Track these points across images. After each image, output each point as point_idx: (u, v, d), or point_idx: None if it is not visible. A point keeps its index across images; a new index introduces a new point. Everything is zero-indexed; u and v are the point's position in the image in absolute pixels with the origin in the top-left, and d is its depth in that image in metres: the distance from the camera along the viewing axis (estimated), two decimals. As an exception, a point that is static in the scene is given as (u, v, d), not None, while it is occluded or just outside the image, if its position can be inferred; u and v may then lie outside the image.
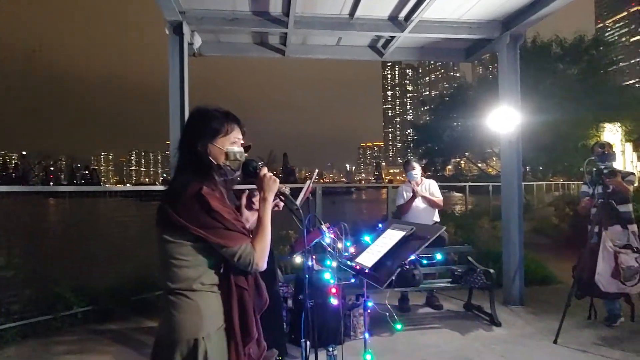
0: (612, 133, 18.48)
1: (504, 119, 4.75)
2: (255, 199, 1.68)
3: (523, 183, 5.18)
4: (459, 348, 3.62)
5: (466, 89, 26.79)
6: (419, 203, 4.54)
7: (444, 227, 2.13)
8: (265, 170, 1.57)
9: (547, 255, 7.27)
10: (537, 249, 7.90)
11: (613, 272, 3.49)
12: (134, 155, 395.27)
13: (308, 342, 3.00)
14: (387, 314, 2.60)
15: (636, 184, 4.12)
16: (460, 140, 25.81)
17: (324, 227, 2.53)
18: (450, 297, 5.03)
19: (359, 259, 2.12)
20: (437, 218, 4.72)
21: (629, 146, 21.62)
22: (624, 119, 18.77)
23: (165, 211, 1.41)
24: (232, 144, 1.54)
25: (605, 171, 3.72)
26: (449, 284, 4.34)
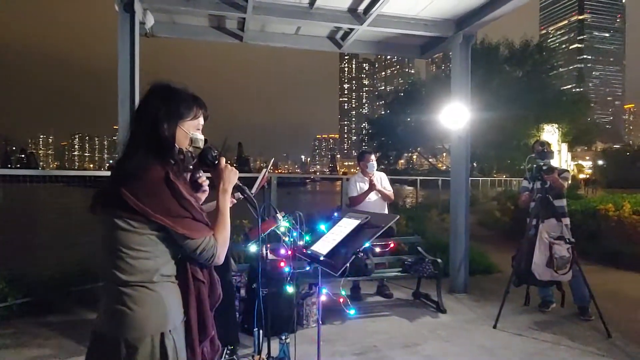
0: (550, 134, 19.83)
1: (455, 116, 4.95)
2: (201, 180, 1.59)
3: (470, 178, 5.45)
4: (407, 334, 3.77)
5: (420, 86, 27.66)
6: (371, 196, 4.63)
7: (398, 216, 2.19)
8: (224, 161, 1.48)
9: (489, 246, 7.71)
10: (480, 240, 8.35)
11: (548, 261, 3.76)
12: (77, 140, 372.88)
13: (261, 331, 3.01)
14: (342, 300, 2.63)
15: (570, 182, 4.43)
16: (412, 135, 26.68)
17: (278, 216, 2.54)
18: (400, 286, 5.20)
19: (314, 247, 2.14)
20: (386, 211, 4.84)
21: (564, 146, 23.32)
22: (561, 121, 20.18)
23: (119, 195, 1.24)
24: (196, 130, 1.44)
25: (544, 168, 3.98)
26: (399, 273, 4.49)
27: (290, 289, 2.57)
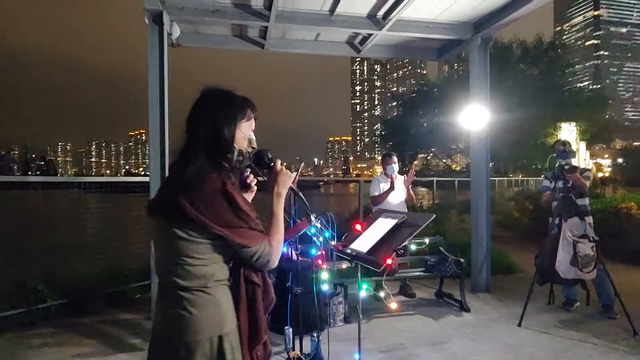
0: (568, 132, 19.59)
1: (475, 117, 5.00)
2: (249, 180, 1.57)
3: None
4: (432, 332, 3.84)
5: (433, 87, 27.57)
6: (392, 197, 4.72)
7: (434, 215, 2.27)
8: (279, 164, 1.49)
9: (509, 246, 7.69)
10: (499, 240, 8.34)
11: (572, 260, 3.79)
12: (94, 146, 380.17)
13: (291, 330, 3.12)
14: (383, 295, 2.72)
15: (591, 180, 4.46)
16: (427, 136, 26.57)
17: (312, 217, 2.65)
18: (422, 285, 5.27)
19: (353, 246, 2.24)
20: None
21: (582, 145, 22.99)
22: (579, 119, 19.92)
23: (179, 206, 1.26)
24: (250, 131, 1.46)
25: (566, 167, 4.02)
26: (422, 273, 4.56)
27: (324, 288, 2.66)
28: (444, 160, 31.86)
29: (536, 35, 22.71)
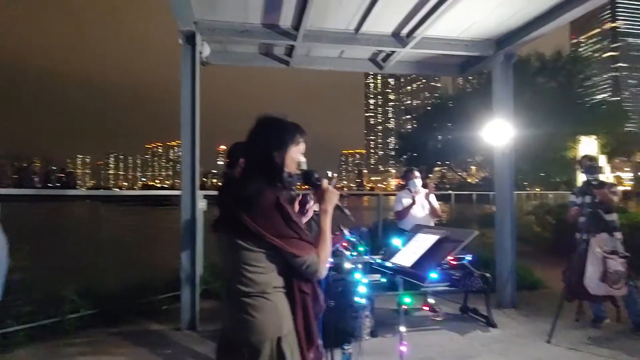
0: (588, 146, 19.29)
1: (498, 132, 5.04)
2: (309, 206, 1.78)
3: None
4: (460, 348, 3.84)
5: (448, 100, 27.51)
6: (417, 211, 4.76)
7: (477, 232, 2.31)
8: (326, 183, 1.64)
9: (532, 261, 7.60)
10: (521, 255, 8.19)
11: (602, 276, 3.76)
12: (111, 159, 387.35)
13: (321, 342, 3.16)
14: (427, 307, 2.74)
15: (619, 196, 4.43)
16: (443, 149, 26.45)
17: (345, 232, 2.72)
18: (445, 300, 5.25)
19: (394, 260, 2.30)
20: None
21: (603, 158, 22.57)
22: (598, 132, 19.63)
23: (241, 219, 1.44)
24: (300, 155, 1.62)
25: (593, 183, 4.02)
26: (447, 287, 4.55)
27: (361, 301, 2.72)
28: (460, 174, 31.57)
29: (554, 48, 22.61)
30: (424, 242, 2.19)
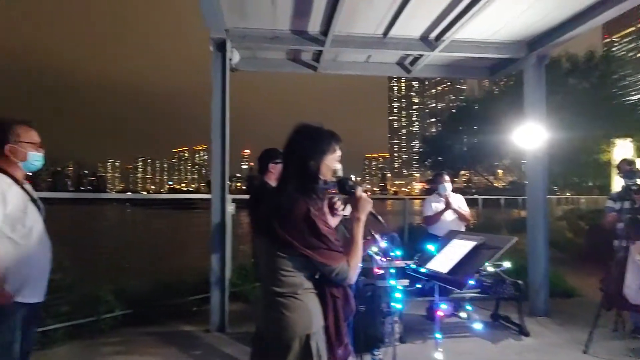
0: (623, 149, 18.55)
1: (530, 135, 4.92)
2: (337, 205, 1.82)
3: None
4: (493, 356, 3.75)
5: (474, 103, 26.99)
6: (447, 216, 4.69)
7: (516, 238, 2.27)
8: (360, 191, 1.68)
9: (564, 268, 7.37)
10: (553, 262, 7.97)
11: (642, 284, 3.62)
12: (140, 163, 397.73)
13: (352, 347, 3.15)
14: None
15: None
16: (469, 152, 25.96)
17: (377, 237, 2.71)
18: (475, 306, 5.14)
19: (429, 266, 2.28)
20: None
21: (639, 162, 21.65)
22: (635, 134, 18.81)
23: (274, 227, 1.54)
24: (336, 162, 1.67)
25: (633, 187, 3.87)
26: (477, 294, 4.46)
27: (397, 306, 2.70)
28: (487, 178, 30.91)
29: (586, 48, 21.88)
30: (460, 248, 2.16)
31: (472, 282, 1.93)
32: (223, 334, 4.39)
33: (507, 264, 4.17)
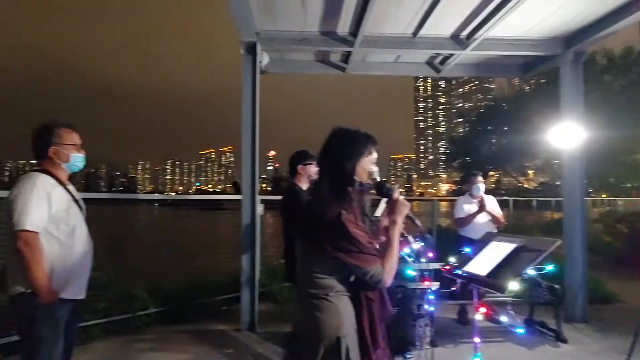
0: (664, 148, 17.71)
1: (567, 135, 4.76)
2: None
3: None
4: (528, 362, 3.64)
5: (503, 102, 26.33)
6: (480, 218, 4.59)
7: (559, 241, 2.20)
8: (397, 194, 1.67)
9: (602, 273, 7.07)
10: (589, 266, 7.70)
11: (691, 291, 3.44)
12: (168, 165, 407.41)
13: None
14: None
15: None
16: (498, 153, 25.36)
17: (410, 239, 2.68)
18: (508, 312, 5.01)
19: (467, 268, 2.24)
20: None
21: (682, 162, 20.58)
22: (676, 133, 17.93)
23: (309, 229, 1.60)
24: (372, 165, 1.67)
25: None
26: (511, 298, 4.34)
27: (430, 308, 2.67)
28: (518, 178, 30.07)
29: (623, 44, 20.99)
30: (499, 250, 2.10)
31: (515, 285, 1.87)
32: (253, 334, 4.44)
33: (549, 267, 4.02)
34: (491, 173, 31.94)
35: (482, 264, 2.14)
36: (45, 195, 2.22)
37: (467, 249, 2.39)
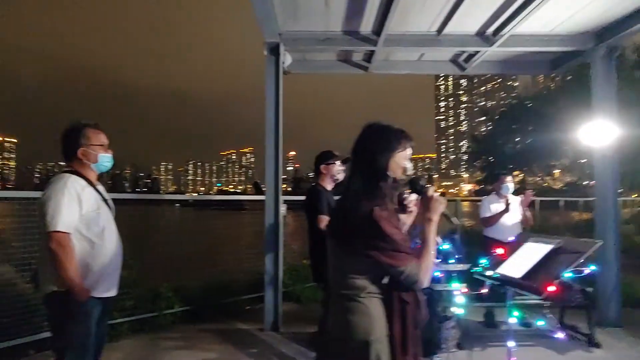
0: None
1: (599, 133, 4.60)
2: (407, 202, 1.80)
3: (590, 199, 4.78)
4: (560, 367, 3.53)
5: (529, 99, 25.70)
6: (506, 218, 4.48)
7: (601, 242, 2.12)
8: (432, 190, 1.61)
9: (635, 276, 6.81)
10: (622, 269, 7.42)
11: None
12: (190, 166, 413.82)
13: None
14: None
15: None
16: (523, 152, 24.76)
17: (438, 239, 2.64)
18: (536, 314, 4.87)
19: (500, 270, 2.18)
20: None
21: None
22: None
23: (340, 227, 1.55)
24: (405, 161, 1.61)
25: None
26: (542, 301, 4.22)
27: (459, 311, 2.61)
28: (544, 178, 29.29)
29: (655, 38, 20.20)
30: (534, 251, 2.03)
31: (553, 289, 1.80)
32: (277, 334, 4.45)
33: (589, 269, 3.85)
34: (515, 172, 31.21)
35: (516, 265, 2.07)
36: (76, 196, 2.26)
37: (499, 250, 2.32)
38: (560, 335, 3.91)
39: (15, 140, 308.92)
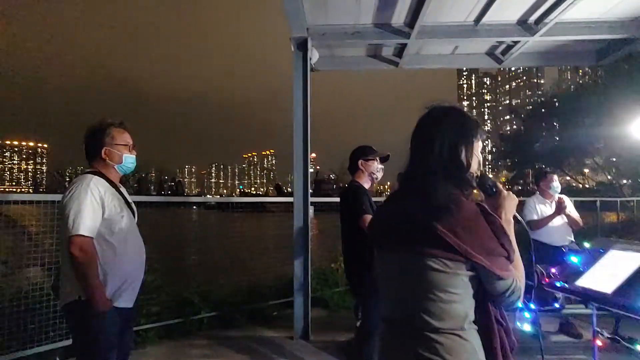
0: None
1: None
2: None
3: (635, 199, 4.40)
4: (619, 385, 3.20)
5: (556, 97, 24.78)
6: (555, 220, 4.15)
7: None
8: (502, 188, 1.36)
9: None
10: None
11: None
12: (213, 168, 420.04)
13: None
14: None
15: None
16: (553, 150, 23.86)
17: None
18: (587, 324, 4.51)
19: (581, 283, 1.91)
20: (571, 237, 4.28)
21: None
22: None
23: (434, 233, 1.14)
24: (480, 154, 1.34)
25: None
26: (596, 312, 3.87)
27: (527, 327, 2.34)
28: (575, 178, 28.18)
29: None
30: (625, 262, 1.75)
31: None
32: (307, 342, 4.24)
33: None
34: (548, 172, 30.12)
35: (602, 278, 1.79)
36: (99, 198, 2.11)
37: (574, 258, 2.05)
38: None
39: (46, 146, 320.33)
